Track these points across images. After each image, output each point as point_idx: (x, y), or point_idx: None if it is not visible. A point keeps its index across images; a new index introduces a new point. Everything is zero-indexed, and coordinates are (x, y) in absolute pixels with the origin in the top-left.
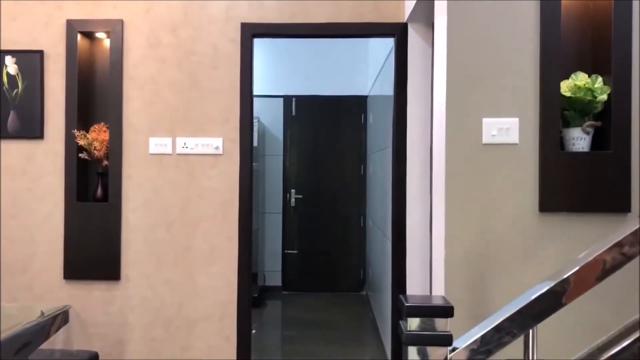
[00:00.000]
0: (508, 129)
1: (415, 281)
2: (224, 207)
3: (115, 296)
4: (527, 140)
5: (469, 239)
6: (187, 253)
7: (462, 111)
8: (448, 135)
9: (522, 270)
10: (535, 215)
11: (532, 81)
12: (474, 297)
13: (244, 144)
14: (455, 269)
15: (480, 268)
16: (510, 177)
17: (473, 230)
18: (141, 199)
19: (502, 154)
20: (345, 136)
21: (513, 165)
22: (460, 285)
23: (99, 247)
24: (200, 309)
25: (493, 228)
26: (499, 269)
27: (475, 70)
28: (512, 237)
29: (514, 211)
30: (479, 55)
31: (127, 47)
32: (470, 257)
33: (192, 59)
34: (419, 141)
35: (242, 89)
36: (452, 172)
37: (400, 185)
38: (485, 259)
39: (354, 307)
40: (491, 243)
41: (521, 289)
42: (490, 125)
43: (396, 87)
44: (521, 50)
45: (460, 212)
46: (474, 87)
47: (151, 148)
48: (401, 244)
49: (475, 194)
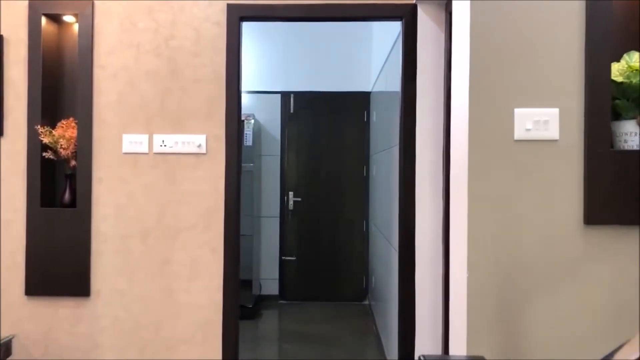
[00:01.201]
0: (546, 121)
1: (426, 299)
2: (207, 214)
3: (84, 315)
4: (569, 136)
5: (496, 257)
6: (166, 267)
7: (489, 101)
8: (471, 131)
9: (563, 298)
10: (579, 229)
11: (575, 63)
12: (503, 328)
13: (230, 141)
14: (480, 294)
15: (510, 293)
16: (548, 182)
17: (502, 247)
18: (113, 205)
19: (538, 152)
20: (346, 135)
21: (552, 166)
22: (486, 314)
23: (66, 259)
24: (181, 329)
25: (527, 244)
26: (534, 294)
27: (505, 51)
28: (550, 256)
29: (552, 224)
30: (510, 32)
31: (98, 31)
32: (498, 279)
33: (172, 44)
34: (429, 139)
35: (229, 79)
36: (476, 176)
37: (408, 189)
38: (517, 282)
39: (356, 319)
40: (524, 263)
41: (561, 321)
42: (523, 118)
43: (404, 78)
44: (562, 25)
45: (486, 224)
46: (503, 71)
47: (125, 146)
48: (409, 255)
49: (504, 202)
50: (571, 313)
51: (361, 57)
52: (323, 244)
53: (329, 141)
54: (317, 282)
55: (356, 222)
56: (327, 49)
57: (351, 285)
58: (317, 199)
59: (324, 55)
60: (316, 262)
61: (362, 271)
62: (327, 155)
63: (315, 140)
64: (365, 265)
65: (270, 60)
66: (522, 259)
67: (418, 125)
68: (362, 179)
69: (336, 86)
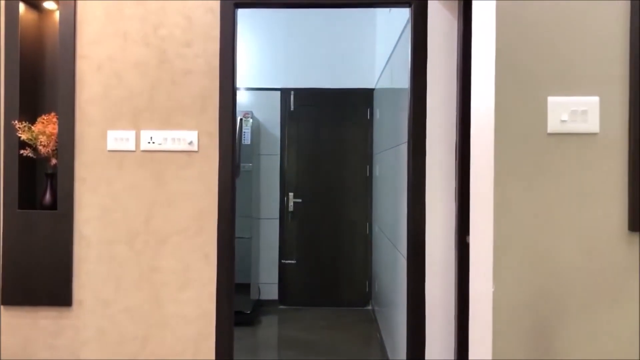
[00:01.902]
0: (584, 112)
1: (437, 309)
2: (199, 217)
3: (65, 326)
4: (611, 128)
5: (527, 268)
6: (154, 274)
7: (518, 88)
8: (498, 123)
9: (604, 315)
10: (623, 236)
11: (618, 44)
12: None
13: (224, 138)
14: (507, 310)
15: (543, 309)
16: (587, 182)
17: (533, 257)
18: (97, 207)
19: (575, 148)
20: (349, 133)
21: (591, 163)
22: (515, 333)
23: (46, 265)
24: (170, 343)
25: (562, 254)
26: (570, 311)
27: (537, 29)
28: (589, 267)
29: (592, 230)
30: (543, 7)
31: (81, 19)
32: (529, 294)
33: (161, 33)
34: (441, 135)
35: (223, 70)
36: (503, 175)
37: (417, 190)
38: (551, 296)
39: (359, 325)
40: (559, 275)
41: (602, 343)
42: (558, 107)
43: (413, 69)
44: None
45: (514, 231)
46: (535, 53)
47: (110, 143)
48: (419, 262)
49: (536, 205)
50: (614, 333)
51: (364, 53)
52: (324, 246)
53: (331, 140)
54: (319, 287)
55: (359, 224)
56: (329, 44)
57: (354, 289)
58: (318, 200)
59: (326, 50)
60: (317, 265)
61: (365, 275)
62: (328, 155)
63: (317, 139)
64: (369, 269)
65: (269, 55)
66: (556, 271)
67: (429, 121)
68: (365, 179)
69: (338, 82)
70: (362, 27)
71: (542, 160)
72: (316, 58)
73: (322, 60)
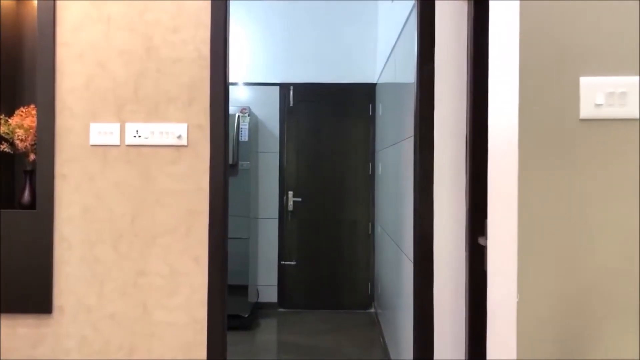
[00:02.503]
0: (622, 94)
1: (447, 317)
2: (189, 217)
3: (46, 335)
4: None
5: (558, 275)
6: (140, 278)
7: (546, 67)
8: (523, 108)
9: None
10: None
11: None
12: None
13: (216, 131)
14: (534, 324)
15: (576, 323)
16: (626, 175)
17: (565, 263)
18: (79, 206)
19: (612, 135)
20: (350, 130)
21: (631, 154)
22: (544, 351)
23: (24, 269)
24: (158, 353)
25: (599, 259)
26: (610, 326)
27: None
28: (632, 275)
29: (633, 231)
30: None
31: (62, 4)
32: (559, 306)
33: (147, 18)
34: (450, 128)
35: (214, 59)
36: (529, 168)
37: (424, 187)
38: (586, 308)
39: (361, 329)
40: (596, 284)
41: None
42: (593, 88)
43: (420, 58)
44: None
45: (543, 232)
46: (565, 26)
47: (92, 137)
48: (426, 267)
49: (568, 202)
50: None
51: (366, 46)
52: (325, 247)
53: (332, 137)
54: (319, 289)
55: (361, 224)
56: (329, 38)
57: (355, 292)
58: (318, 199)
59: (326, 44)
60: (318, 267)
61: (368, 277)
62: (329, 152)
63: (317, 136)
64: (371, 271)
65: (267, 49)
66: (593, 279)
67: (436, 112)
68: (367, 177)
69: (339, 77)
70: (364, 20)
71: (574, 151)
72: (316, 52)
73: (323, 54)
